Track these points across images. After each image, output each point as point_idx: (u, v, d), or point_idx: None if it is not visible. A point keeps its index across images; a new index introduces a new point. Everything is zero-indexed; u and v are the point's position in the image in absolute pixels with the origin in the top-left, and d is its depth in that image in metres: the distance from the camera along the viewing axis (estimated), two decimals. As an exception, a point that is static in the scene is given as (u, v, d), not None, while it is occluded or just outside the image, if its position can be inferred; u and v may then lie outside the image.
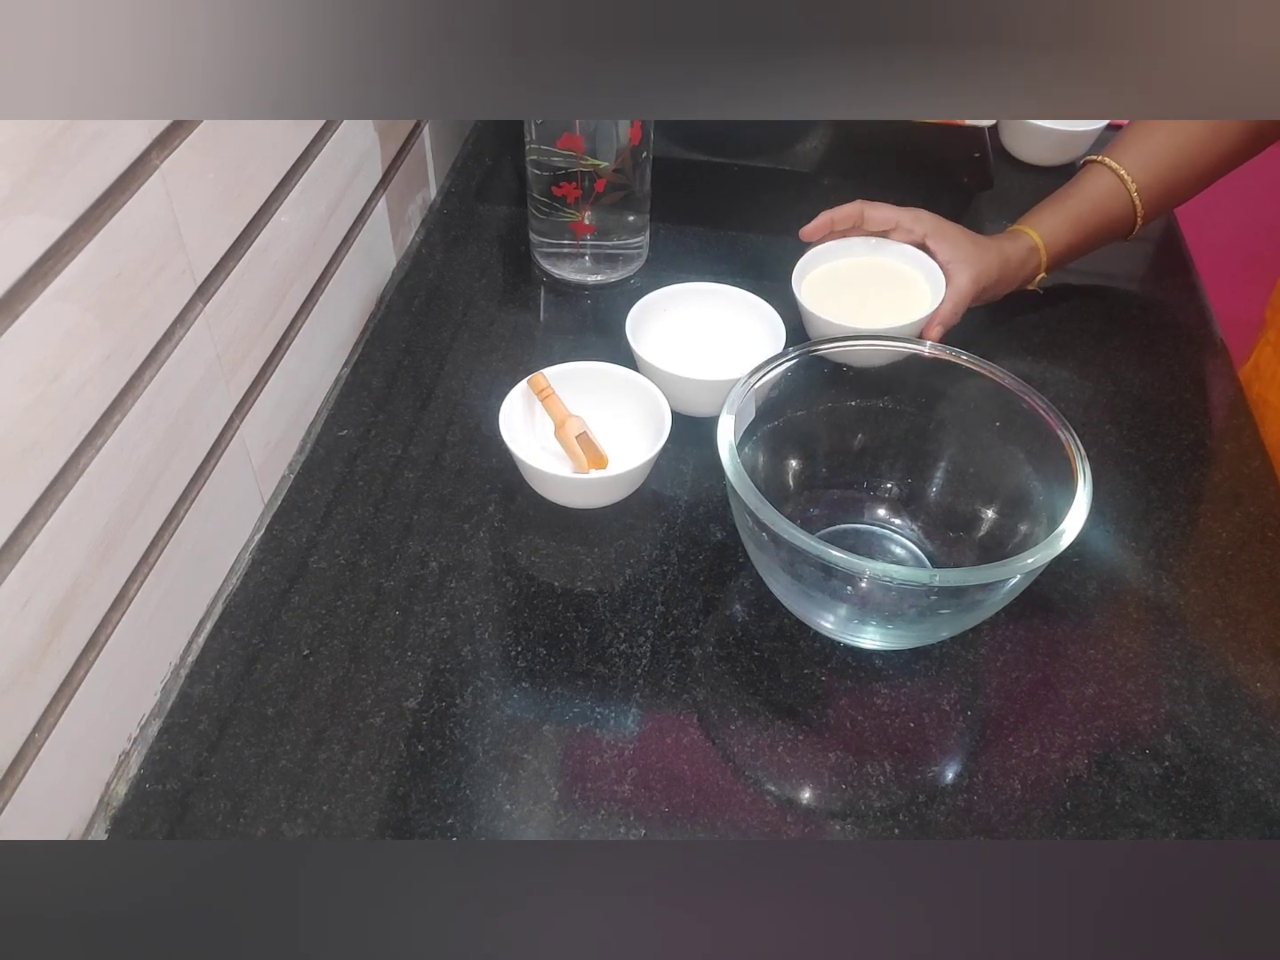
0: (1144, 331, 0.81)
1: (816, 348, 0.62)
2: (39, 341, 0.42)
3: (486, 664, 0.58)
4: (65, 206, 0.43)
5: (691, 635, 0.60)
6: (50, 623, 0.45)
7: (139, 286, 0.48)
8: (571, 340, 0.79)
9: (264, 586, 0.61)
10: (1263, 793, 0.53)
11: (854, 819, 0.52)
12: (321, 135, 0.66)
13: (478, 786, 0.53)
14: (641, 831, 0.51)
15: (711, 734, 0.56)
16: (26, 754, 0.45)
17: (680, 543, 0.64)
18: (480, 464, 0.69)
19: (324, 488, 0.67)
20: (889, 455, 0.65)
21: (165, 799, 0.52)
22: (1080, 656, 0.59)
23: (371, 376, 0.75)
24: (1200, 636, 0.60)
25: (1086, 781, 0.54)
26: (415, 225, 0.88)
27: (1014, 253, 0.75)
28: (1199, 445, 0.72)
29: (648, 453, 0.63)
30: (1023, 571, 0.50)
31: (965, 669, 0.59)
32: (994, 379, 0.60)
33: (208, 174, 0.53)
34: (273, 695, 0.56)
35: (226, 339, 0.57)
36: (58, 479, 0.45)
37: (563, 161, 0.75)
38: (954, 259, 0.73)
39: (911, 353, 0.63)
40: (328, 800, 0.52)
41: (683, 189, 0.83)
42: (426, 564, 0.63)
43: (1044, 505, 0.56)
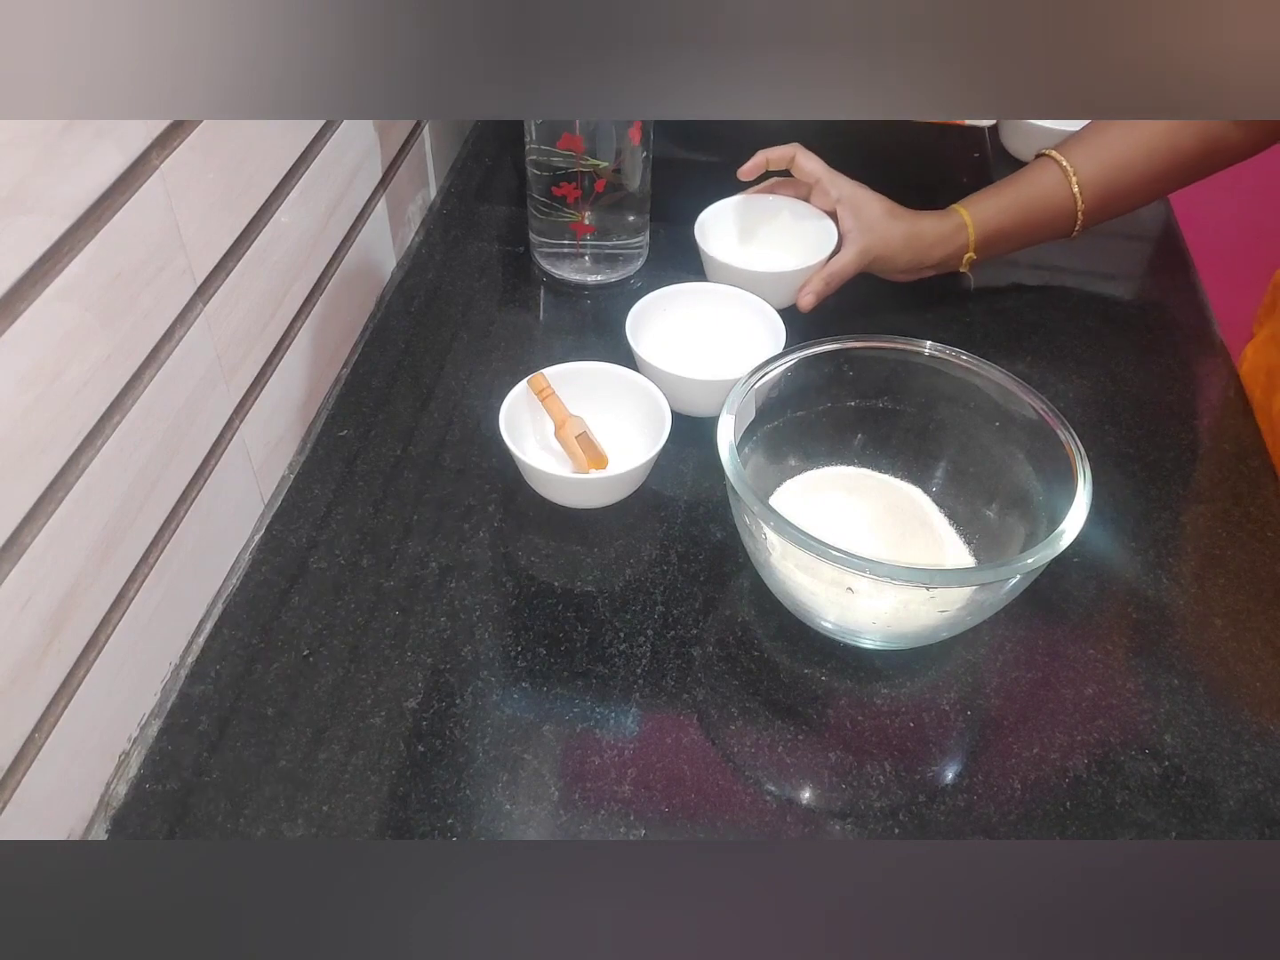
0: (1144, 331, 0.81)
1: (817, 348, 0.62)
2: (39, 341, 0.42)
3: (486, 664, 0.58)
4: (65, 206, 0.43)
5: (691, 635, 0.60)
6: (50, 623, 0.45)
7: (139, 286, 0.48)
8: (571, 340, 0.79)
9: (264, 586, 0.61)
10: (1263, 793, 0.53)
11: (854, 819, 0.52)
12: (321, 135, 0.66)
13: (478, 786, 0.53)
14: (641, 831, 0.51)
15: (711, 734, 0.56)
16: (27, 754, 0.45)
17: (680, 543, 0.64)
18: (480, 464, 0.69)
19: (324, 488, 0.67)
20: (889, 455, 0.65)
21: (165, 799, 0.52)
22: (1080, 656, 0.59)
23: (371, 376, 0.75)
24: (1200, 636, 0.60)
25: (1086, 781, 0.54)
26: (415, 225, 0.88)
27: (930, 229, 0.76)
28: (1199, 445, 0.72)
29: (648, 453, 0.63)
30: (1023, 571, 0.50)
31: (965, 669, 0.59)
32: (994, 379, 0.60)
33: (208, 174, 0.53)
34: (273, 695, 0.56)
35: (226, 339, 0.57)
36: (58, 479, 0.45)
37: (563, 161, 0.75)
38: (853, 228, 0.75)
39: (911, 353, 0.63)
40: (328, 800, 0.52)
41: (683, 189, 0.83)
42: (426, 564, 0.63)
43: (1044, 505, 0.56)
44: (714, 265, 0.78)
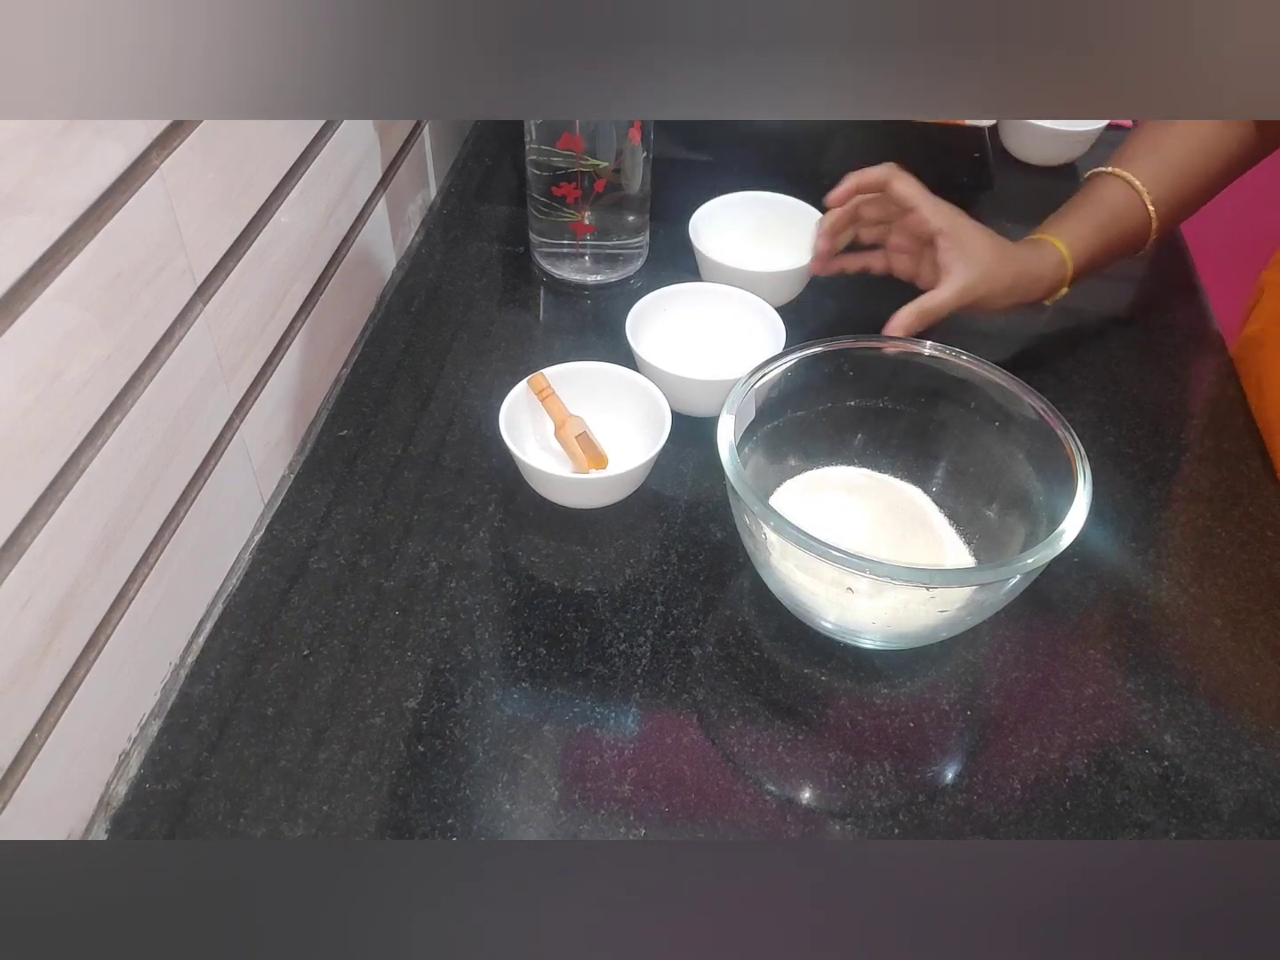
0: (1144, 331, 0.81)
1: (817, 348, 0.62)
2: (39, 341, 0.42)
3: (486, 664, 0.58)
4: (65, 206, 0.43)
5: (691, 635, 0.60)
6: (50, 623, 0.45)
7: (139, 286, 0.48)
8: (571, 340, 0.79)
9: (264, 586, 0.61)
10: (1263, 793, 0.53)
11: (854, 819, 0.52)
12: (321, 135, 0.66)
13: (478, 786, 0.53)
14: (641, 831, 0.51)
15: (711, 734, 0.56)
16: (27, 754, 0.45)
17: (680, 543, 0.64)
18: (480, 464, 0.69)
19: (324, 488, 0.67)
20: (889, 455, 0.65)
21: (165, 799, 0.52)
22: (1080, 656, 0.59)
23: (371, 376, 0.75)
24: (1200, 636, 0.60)
25: (1086, 781, 0.54)
26: (415, 225, 0.88)
27: (1036, 265, 0.70)
28: (1199, 445, 0.72)
29: (648, 453, 0.63)
30: (1023, 571, 0.50)
31: (965, 669, 0.59)
32: (994, 379, 0.60)
33: (208, 174, 0.53)
34: (273, 695, 0.56)
35: (226, 339, 0.57)
36: (58, 479, 0.45)
37: (563, 161, 0.75)
38: (955, 261, 0.69)
39: (911, 353, 0.63)
40: (328, 800, 0.52)
41: (682, 189, 0.83)
42: (426, 564, 0.63)
43: (1044, 505, 0.56)
44: (709, 265, 0.78)
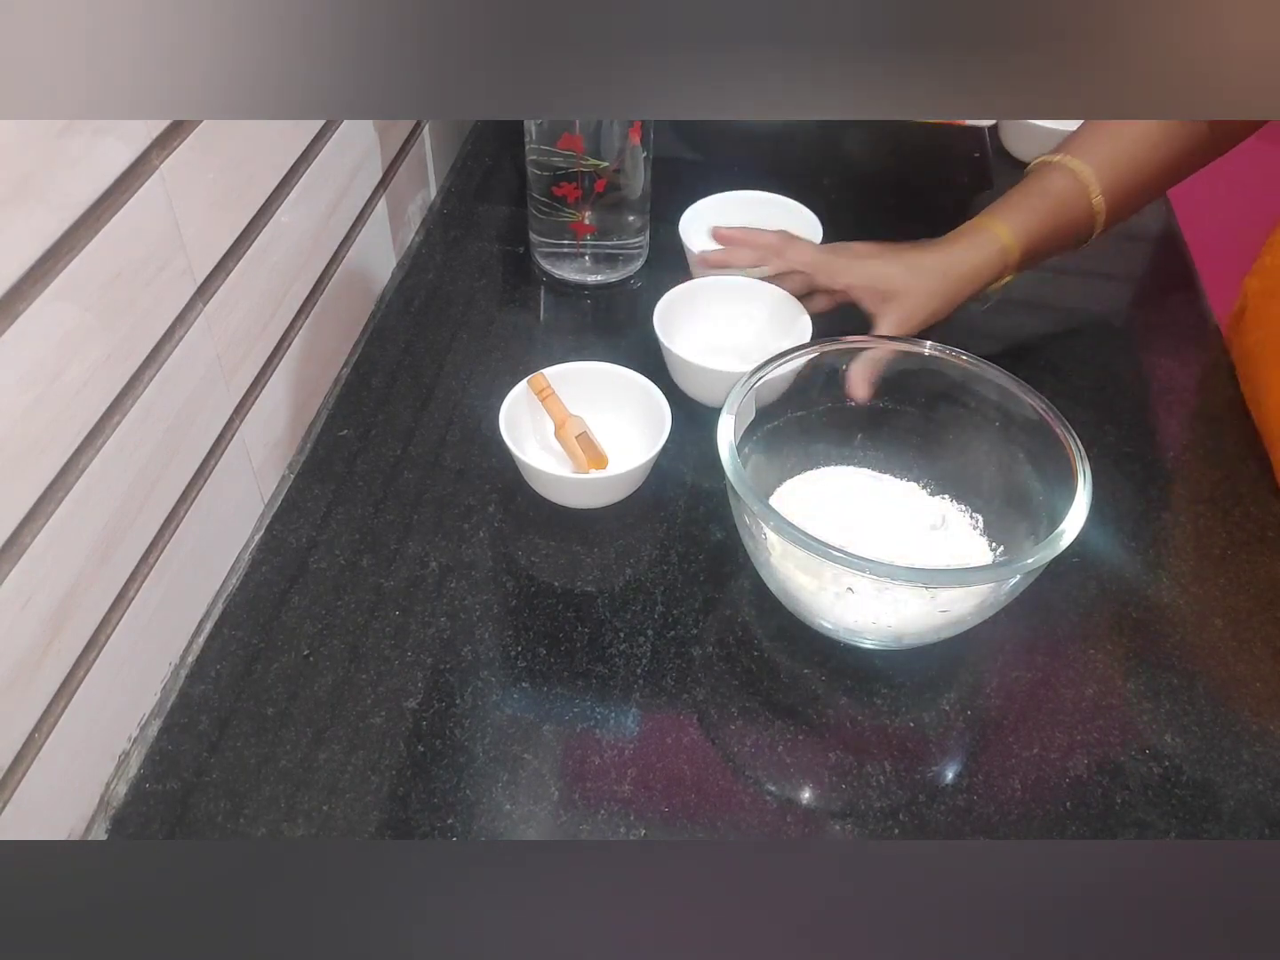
0: (1144, 331, 0.81)
1: (817, 348, 0.62)
2: (39, 341, 0.42)
3: (486, 664, 0.58)
4: (65, 206, 0.43)
5: (691, 635, 0.60)
6: (50, 623, 0.45)
7: (139, 286, 0.48)
8: (571, 340, 0.79)
9: (264, 586, 0.61)
10: (1263, 793, 0.53)
11: (854, 819, 0.52)
12: (321, 135, 0.66)
13: (478, 786, 0.53)
14: (641, 831, 0.51)
15: (711, 734, 0.56)
16: (26, 754, 0.45)
17: (680, 543, 0.64)
18: (480, 464, 0.69)
19: (324, 488, 0.67)
20: (889, 455, 0.65)
21: (165, 799, 0.52)
22: (1080, 656, 0.59)
23: (371, 376, 0.75)
24: (1200, 636, 0.60)
25: (1086, 781, 0.54)
26: (415, 225, 0.88)
27: (966, 263, 0.68)
28: (1199, 445, 0.72)
29: (648, 453, 0.63)
30: (1023, 571, 0.50)
31: (965, 669, 0.59)
32: (994, 379, 0.60)
33: (208, 174, 0.53)
34: (273, 695, 0.56)
35: (226, 339, 0.57)
36: (58, 479, 0.45)
37: (563, 161, 0.75)
38: (877, 311, 0.68)
39: (912, 353, 0.63)
40: (328, 800, 0.52)
41: (683, 189, 0.83)
42: (426, 564, 0.63)
43: (1044, 505, 0.56)
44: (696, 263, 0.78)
